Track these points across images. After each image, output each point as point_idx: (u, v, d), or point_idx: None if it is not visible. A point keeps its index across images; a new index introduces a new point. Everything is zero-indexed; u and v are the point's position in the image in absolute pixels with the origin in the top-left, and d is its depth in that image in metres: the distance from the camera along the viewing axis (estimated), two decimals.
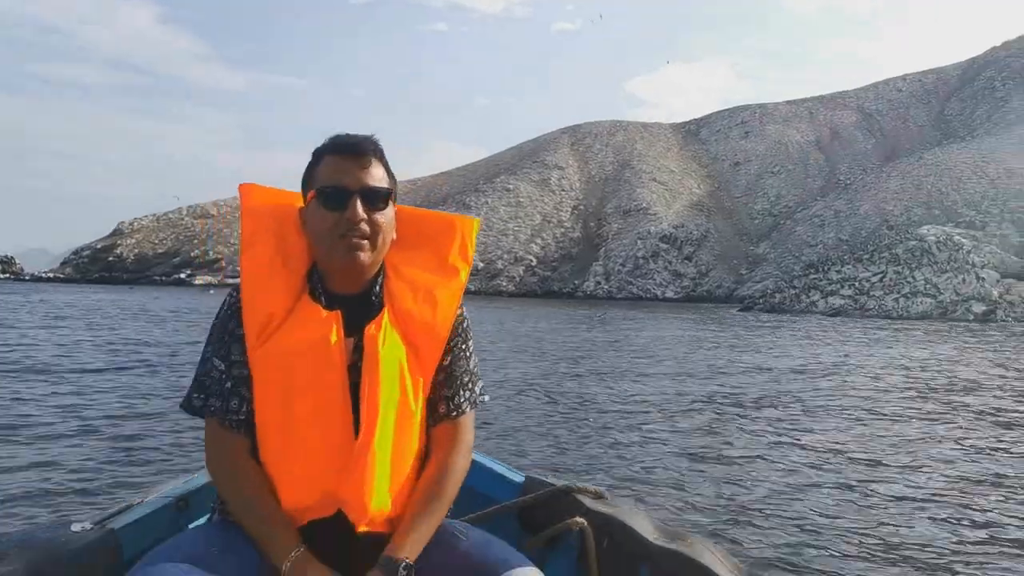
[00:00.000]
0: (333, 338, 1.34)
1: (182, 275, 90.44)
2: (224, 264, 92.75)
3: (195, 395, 1.40)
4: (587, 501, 1.79)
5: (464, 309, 1.49)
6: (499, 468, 2.08)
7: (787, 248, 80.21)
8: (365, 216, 1.34)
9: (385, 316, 1.39)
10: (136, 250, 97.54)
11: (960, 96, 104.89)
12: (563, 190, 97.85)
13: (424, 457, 1.44)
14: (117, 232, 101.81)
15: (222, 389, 1.38)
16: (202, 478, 1.91)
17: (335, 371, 1.33)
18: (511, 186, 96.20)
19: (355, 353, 1.36)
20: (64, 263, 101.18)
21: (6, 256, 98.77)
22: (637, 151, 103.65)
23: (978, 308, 39.19)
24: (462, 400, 1.46)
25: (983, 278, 42.39)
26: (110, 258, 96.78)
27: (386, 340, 1.36)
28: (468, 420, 1.48)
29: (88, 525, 1.53)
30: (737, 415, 7.81)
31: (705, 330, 25.04)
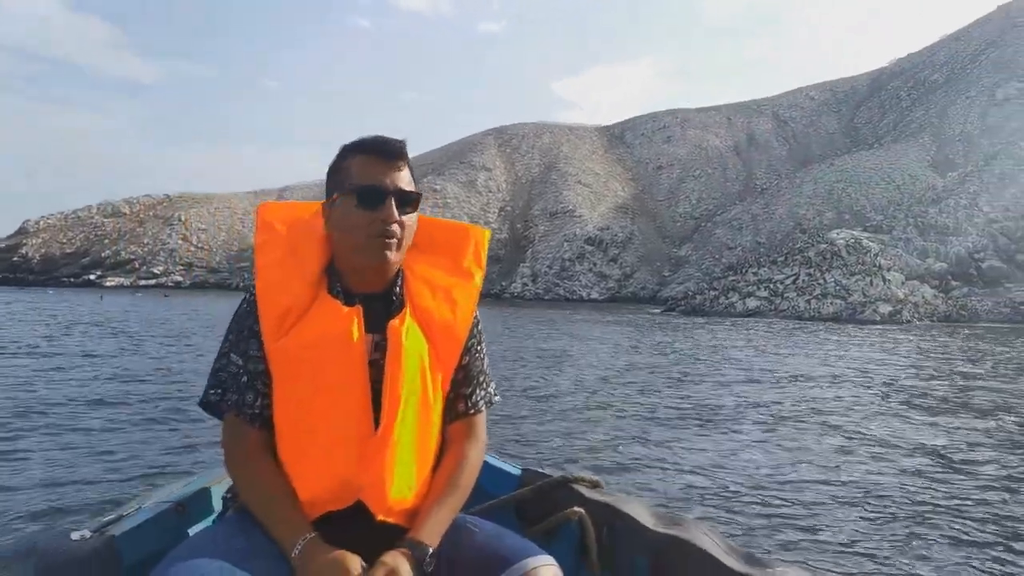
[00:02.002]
0: (355, 332, 1.36)
1: (91, 276, 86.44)
2: (137, 265, 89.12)
3: (212, 391, 1.43)
4: (584, 491, 1.81)
5: (477, 312, 1.55)
6: (495, 462, 2.08)
7: (707, 250, 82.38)
8: (398, 217, 1.38)
9: (407, 313, 1.43)
10: (43, 250, 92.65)
11: (868, 105, 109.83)
12: (490, 191, 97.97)
13: (440, 452, 1.49)
14: (22, 231, 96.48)
15: (239, 384, 1.40)
16: (200, 481, 1.90)
17: (356, 364, 1.36)
18: (438, 187, 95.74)
19: (376, 350, 1.40)
20: None
21: None
22: (563, 153, 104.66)
23: (884, 309, 41.04)
24: (479, 399, 1.53)
25: (889, 280, 44.46)
26: (14, 258, 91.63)
27: (409, 334, 1.40)
28: (483, 418, 1.55)
29: (87, 533, 1.54)
30: (698, 404, 8.03)
31: (653, 332, 25.45)
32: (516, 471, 2.02)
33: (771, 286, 47.56)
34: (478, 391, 1.54)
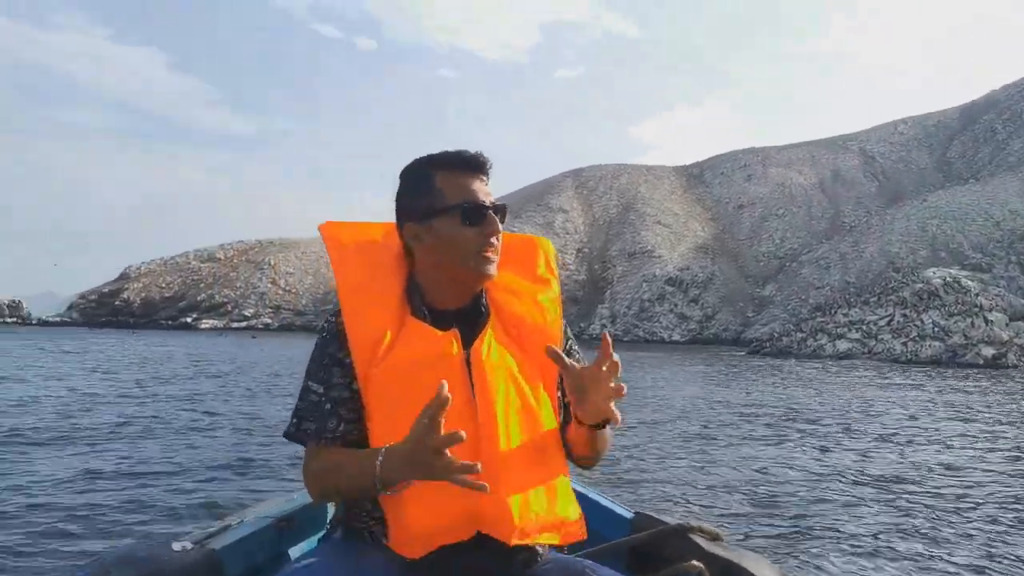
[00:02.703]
0: (454, 351, 1.35)
1: (188, 319, 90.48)
2: (230, 308, 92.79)
3: (292, 421, 1.42)
4: (703, 543, 1.69)
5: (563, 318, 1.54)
6: (606, 503, 1.98)
7: (793, 290, 79.98)
8: (500, 230, 1.40)
9: (491, 326, 1.42)
10: (143, 294, 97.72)
11: (962, 139, 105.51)
12: (568, 233, 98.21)
13: (565, 460, 1.45)
14: (124, 276, 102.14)
15: (321, 411, 1.38)
16: (304, 498, 1.88)
17: (458, 386, 1.32)
18: (516, 229, 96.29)
19: (469, 368, 1.38)
20: (71, 307, 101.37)
21: (13, 300, 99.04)
22: (641, 194, 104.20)
23: (988, 352, 38.77)
24: None
25: (992, 321, 42.05)
26: (117, 302, 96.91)
27: (493, 349, 1.38)
28: None
29: (188, 545, 1.53)
30: (824, 454, 7.70)
31: (759, 375, 24.80)
32: (628, 514, 1.93)
33: (863, 327, 45.68)
34: None
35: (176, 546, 1.51)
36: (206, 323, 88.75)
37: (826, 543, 4.60)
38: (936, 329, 42.61)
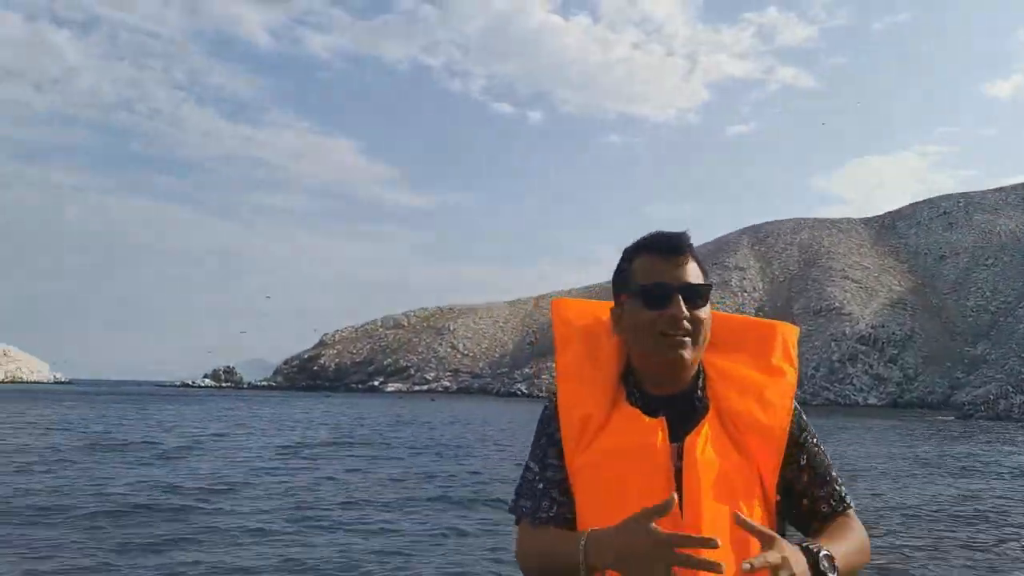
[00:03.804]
0: (658, 443, 1.30)
1: (375, 383, 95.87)
2: (412, 372, 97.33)
3: (513, 496, 1.42)
4: None
5: (798, 405, 1.42)
6: None
7: (1011, 348, 71.56)
8: (687, 313, 1.32)
9: (708, 421, 1.34)
10: (337, 360, 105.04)
11: None
12: (745, 291, 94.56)
13: None
14: (321, 343, 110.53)
15: (534, 490, 1.38)
16: None
17: (661, 480, 1.28)
18: None
19: (680, 459, 1.31)
20: (276, 372, 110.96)
21: (228, 367, 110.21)
22: (824, 248, 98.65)
23: None
24: (843, 494, 1.38)
25: None
26: (315, 367, 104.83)
27: (708, 447, 1.30)
28: (855, 517, 1.38)
29: None
30: None
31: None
32: None
33: None
34: (836, 486, 1.38)
35: None
36: (391, 386, 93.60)
37: None
38: None
